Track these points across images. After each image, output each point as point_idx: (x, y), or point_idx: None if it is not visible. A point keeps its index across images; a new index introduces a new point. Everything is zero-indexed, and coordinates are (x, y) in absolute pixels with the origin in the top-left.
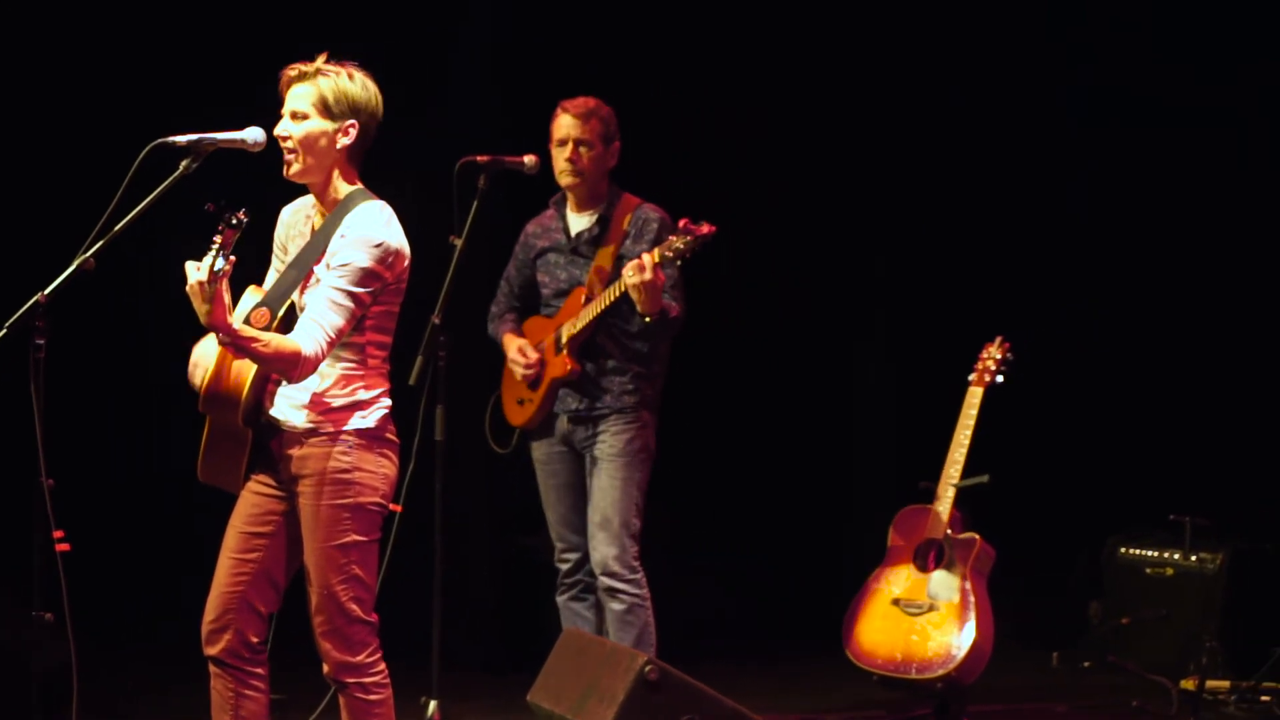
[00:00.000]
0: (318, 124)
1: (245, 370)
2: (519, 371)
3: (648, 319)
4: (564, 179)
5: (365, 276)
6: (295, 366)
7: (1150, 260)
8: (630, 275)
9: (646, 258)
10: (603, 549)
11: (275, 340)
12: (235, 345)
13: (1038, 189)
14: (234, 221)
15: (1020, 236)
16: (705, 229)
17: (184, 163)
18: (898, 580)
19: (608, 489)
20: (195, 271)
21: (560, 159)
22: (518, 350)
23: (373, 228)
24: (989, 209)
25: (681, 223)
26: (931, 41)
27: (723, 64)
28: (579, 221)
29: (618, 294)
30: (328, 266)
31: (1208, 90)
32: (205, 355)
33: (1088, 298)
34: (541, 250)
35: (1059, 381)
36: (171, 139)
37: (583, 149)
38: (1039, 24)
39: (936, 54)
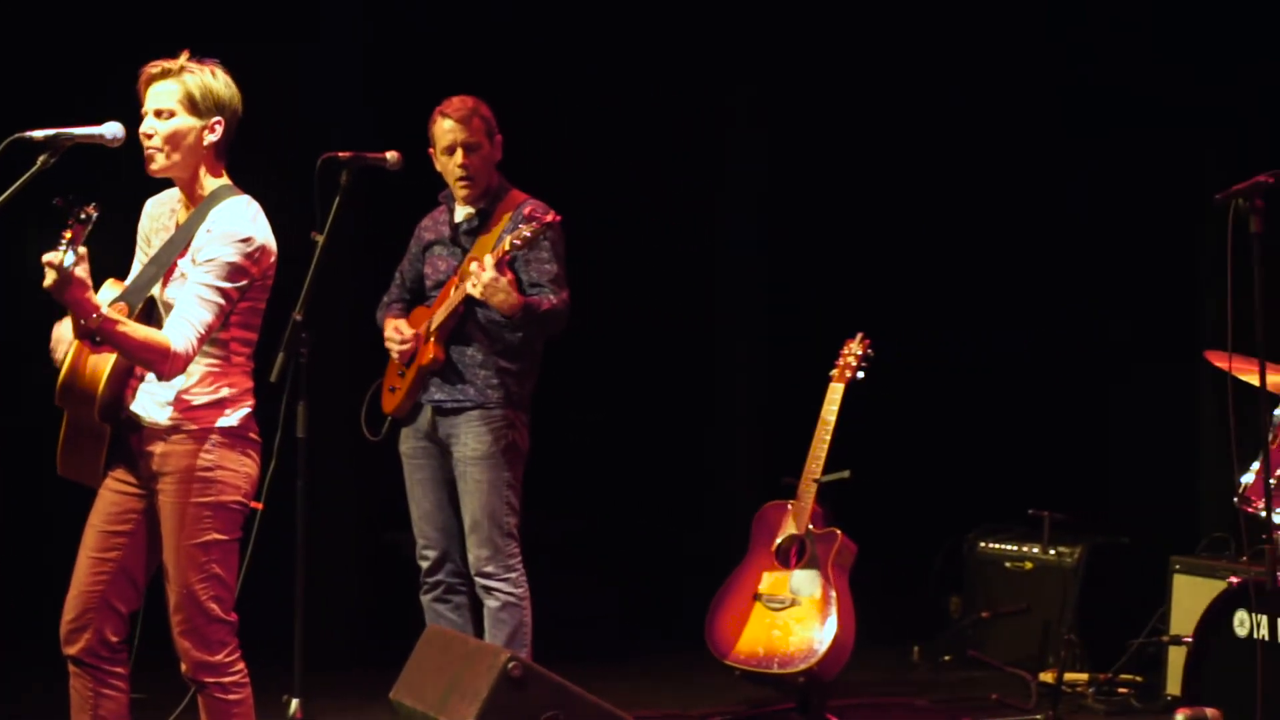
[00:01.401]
0: (185, 121)
1: (101, 365)
2: (394, 348)
3: (508, 317)
4: (460, 189)
5: (233, 272)
6: (164, 360)
7: (1004, 257)
8: (471, 282)
9: (488, 258)
10: (475, 550)
11: (143, 330)
12: (102, 330)
13: (907, 183)
14: (82, 216)
15: (881, 233)
16: (550, 217)
17: (41, 158)
18: (760, 576)
19: (474, 492)
20: (50, 265)
21: (451, 166)
22: (393, 329)
23: (239, 222)
24: (856, 205)
25: (528, 210)
26: (821, 36)
27: (597, 55)
28: (462, 214)
29: (466, 294)
30: (193, 262)
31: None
32: (67, 333)
33: (949, 294)
34: (429, 243)
35: (920, 377)
36: (29, 134)
37: (471, 154)
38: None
39: (805, 49)
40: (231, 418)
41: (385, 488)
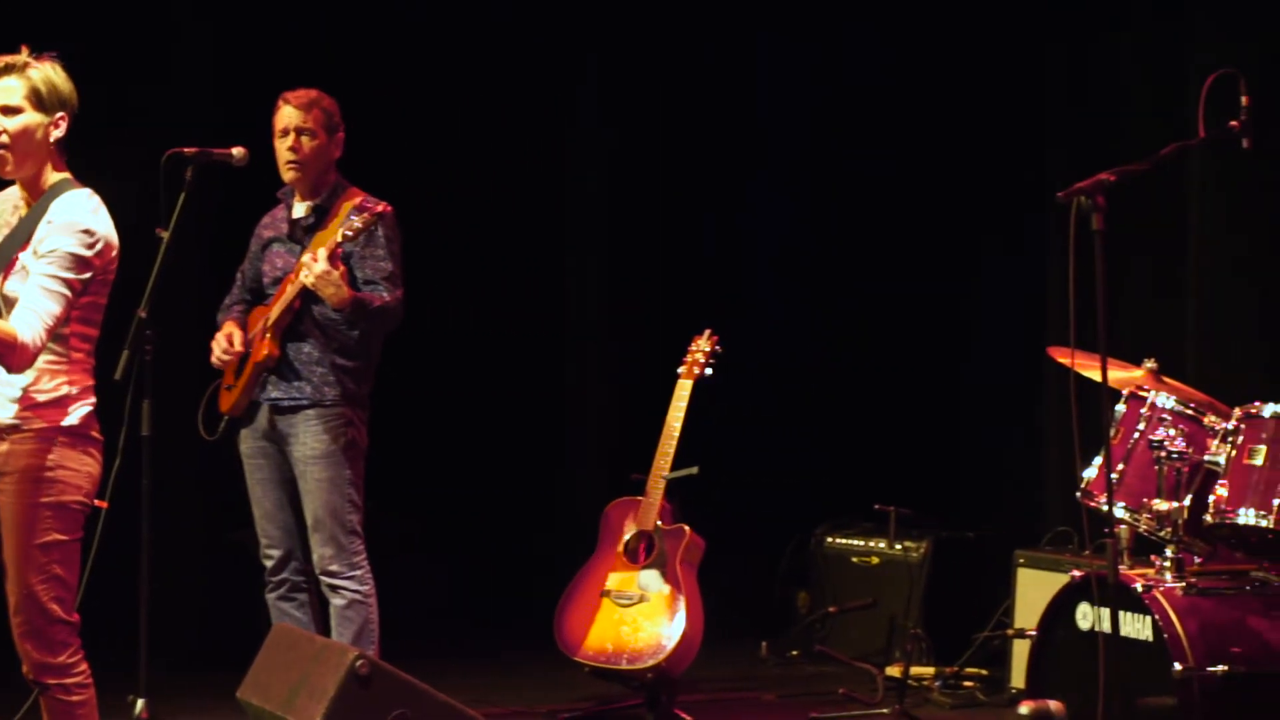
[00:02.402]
0: (32, 117)
1: None
2: (216, 356)
3: (339, 311)
4: (286, 172)
5: (76, 263)
6: (13, 352)
7: (851, 252)
8: (304, 273)
9: (321, 251)
10: (319, 549)
11: None
12: None
13: (748, 180)
14: None
15: (726, 230)
16: (381, 207)
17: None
18: (608, 573)
19: (315, 491)
20: None
21: (283, 149)
22: (223, 336)
23: (80, 214)
24: (699, 200)
25: (359, 201)
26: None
27: (438, 56)
28: (300, 210)
29: (301, 286)
30: (35, 254)
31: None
32: None
33: (796, 290)
34: (268, 241)
35: (767, 373)
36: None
37: (305, 138)
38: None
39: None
40: (73, 416)
41: (231, 486)
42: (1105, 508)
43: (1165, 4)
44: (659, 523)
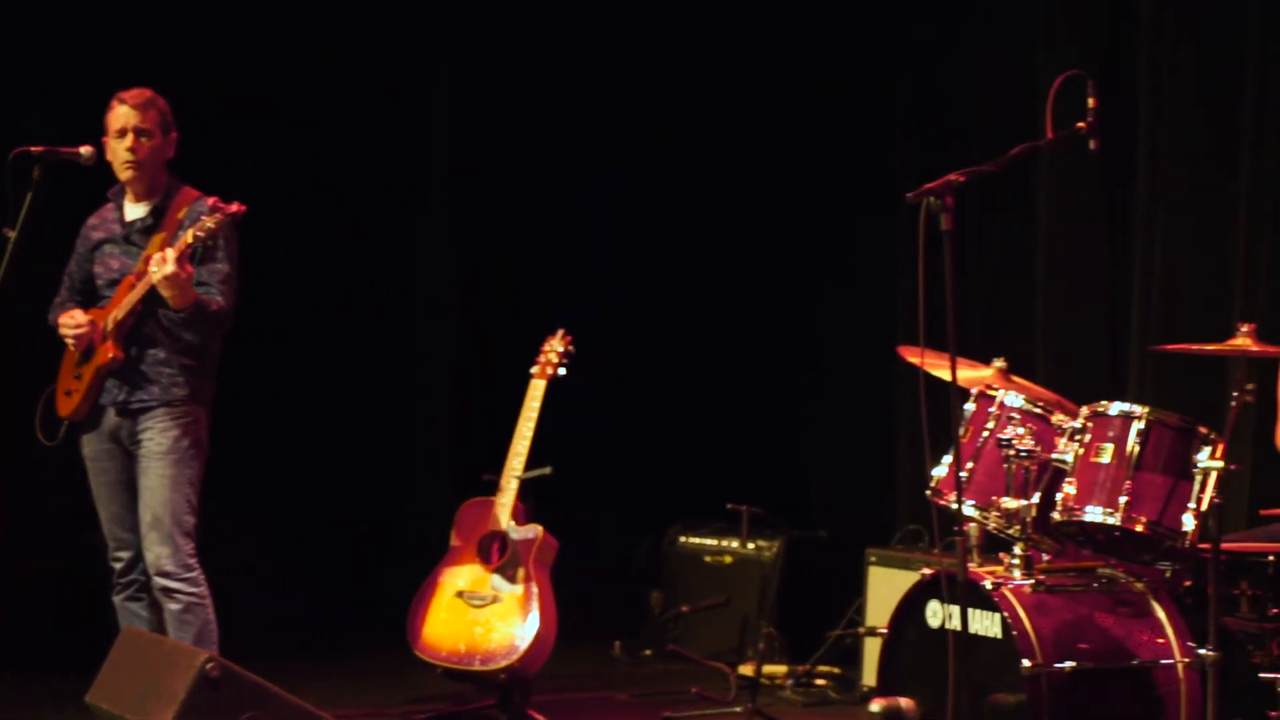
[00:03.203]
0: None
1: None
2: (69, 333)
3: (179, 312)
4: (124, 171)
5: None
6: None
7: (700, 250)
8: (153, 270)
9: (170, 251)
10: (155, 549)
11: None
12: None
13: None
14: None
15: (580, 229)
16: (234, 207)
17: None
18: (462, 573)
19: (157, 488)
20: None
21: (120, 150)
22: (68, 316)
23: None
24: (550, 201)
25: (210, 201)
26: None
27: (279, 58)
28: (134, 211)
29: (149, 285)
30: None
31: None
32: None
33: (649, 290)
34: (98, 242)
35: (620, 373)
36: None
37: (143, 139)
38: None
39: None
40: None
41: (79, 489)
42: (955, 506)
43: (1017, 6)
44: (512, 523)
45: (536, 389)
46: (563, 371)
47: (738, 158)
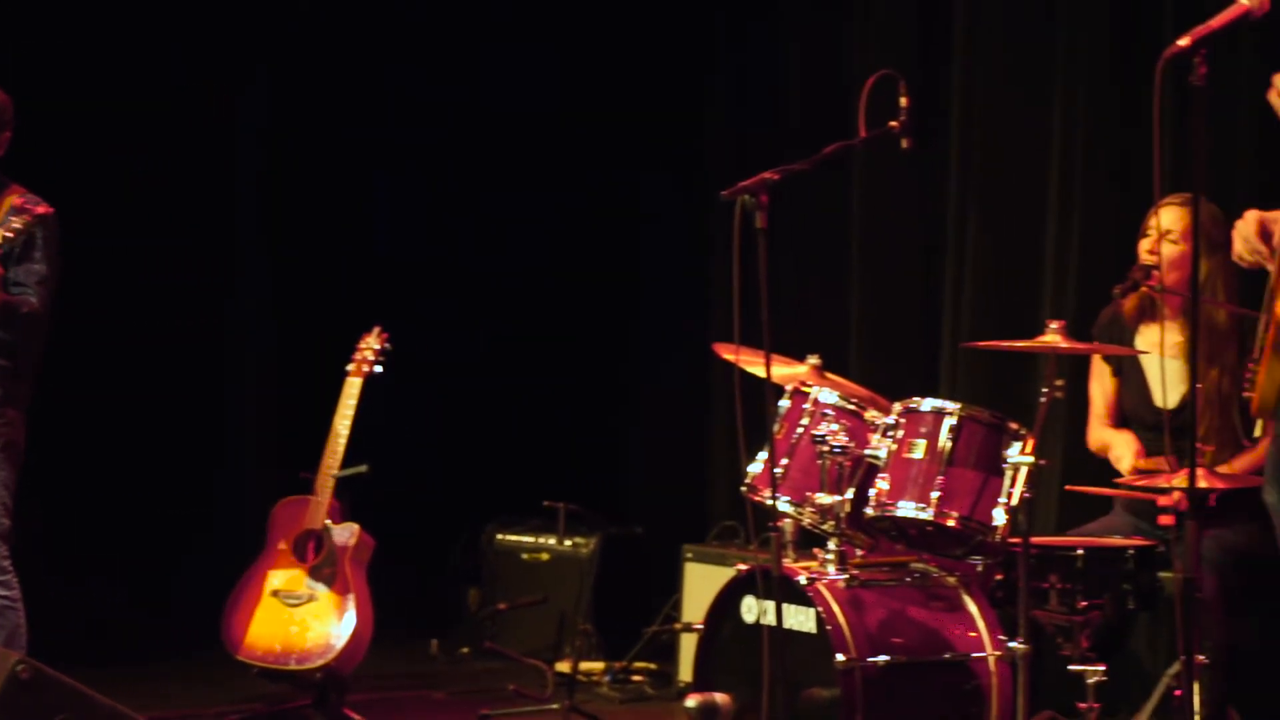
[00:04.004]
0: None
1: None
2: None
3: None
4: None
5: None
6: None
7: (499, 250)
8: None
9: None
10: None
11: None
12: None
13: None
14: None
15: (394, 227)
16: (41, 209)
17: None
18: (277, 572)
19: None
20: None
21: None
22: None
23: None
24: (363, 196)
25: (19, 202)
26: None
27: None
28: None
29: None
30: None
31: None
32: None
33: (463, 286)
34: None
35: (436, 370)
36: None
37: None
38: None
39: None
40: None
41: None
42: (770, 502)
43: (830, 6)
44: (328, 521)
45: (352, 387)
46: (379, 369)
47: (551, 156)
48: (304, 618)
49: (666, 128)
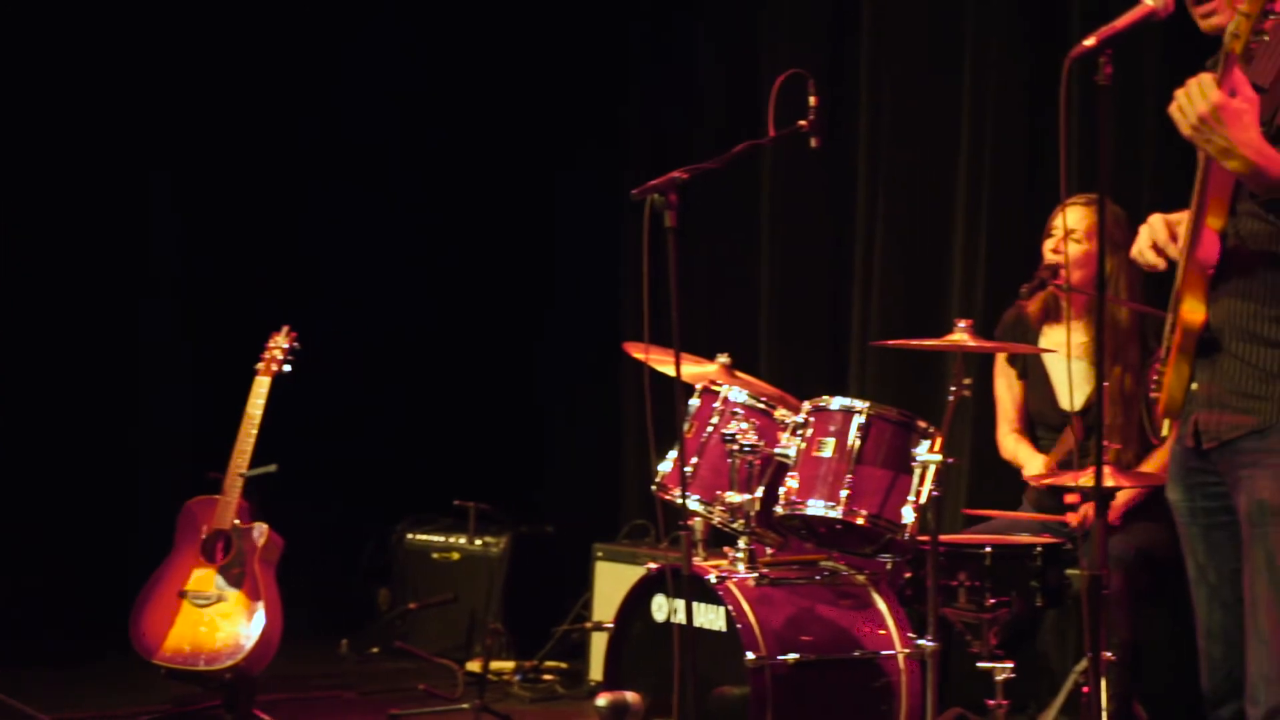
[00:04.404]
0: None
1: None
2: None
3: None
4: None
5: None
6: None
7: (433, 251)
8: None
9: None
10: None
11: None
12: None
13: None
14: None
15: (304, 226)
16: None
17: None
18: (186, 572)
19: None
20: None
21: None
22: None
23: None
24: (275, 194)
25: None
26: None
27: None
28: None
29: None
30: None
31: None
32: None
33: (372, 285)
34: None
35: (346, 370)
36: None
37: None
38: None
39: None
40: None
41: None
42: (680, 501)
43: (743, 6)
44: (237, 521)
45: (261, 385)
46: (288, 368)
47: (466, 154)
48: (213, 618)
49: (583, 127)
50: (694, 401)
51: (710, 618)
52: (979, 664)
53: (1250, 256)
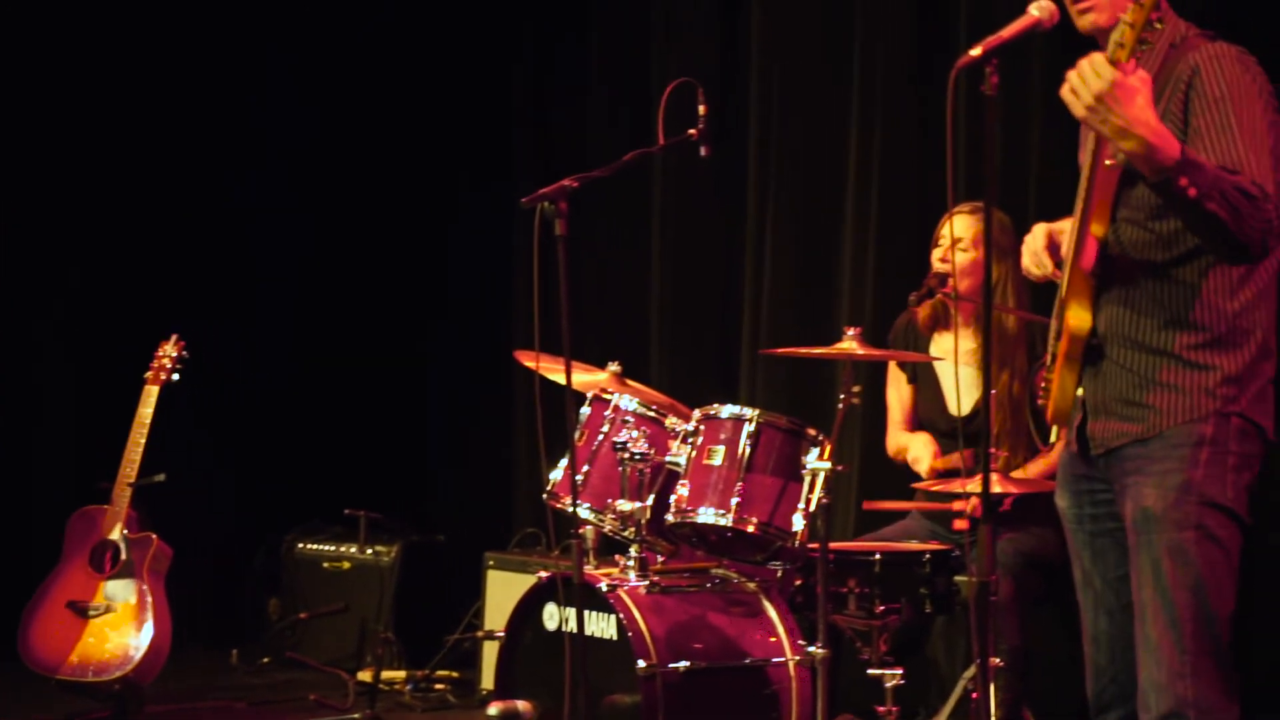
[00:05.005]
0: None
1: None
2: None
3: None
4: None
5: None
6: None
7: (327, 259)
8: None
9: None
10: None
11: None
12: None
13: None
14: None
15: (192, 232)
16: None
17: None
18: (75, 582)
19: None
20: None
21: None
22: None
23: None
24: (164, 203)
25: None
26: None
27: None
28: None
29: None
30: None
31: None
32: None
33: (262, 296)
34: None
35: (236, 379)
36: None
37: None
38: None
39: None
40: None
41: None
42: (571, 509)
43: (633, 15)
44: (125, 531)
45: (149, 395)
46: (176, 377)
47: (356, 162)
48: (101, 629)
49: (477, 135)
50: (585, 410)
51: (601, 626)
52: (869, 671)
53: (1132, 265)
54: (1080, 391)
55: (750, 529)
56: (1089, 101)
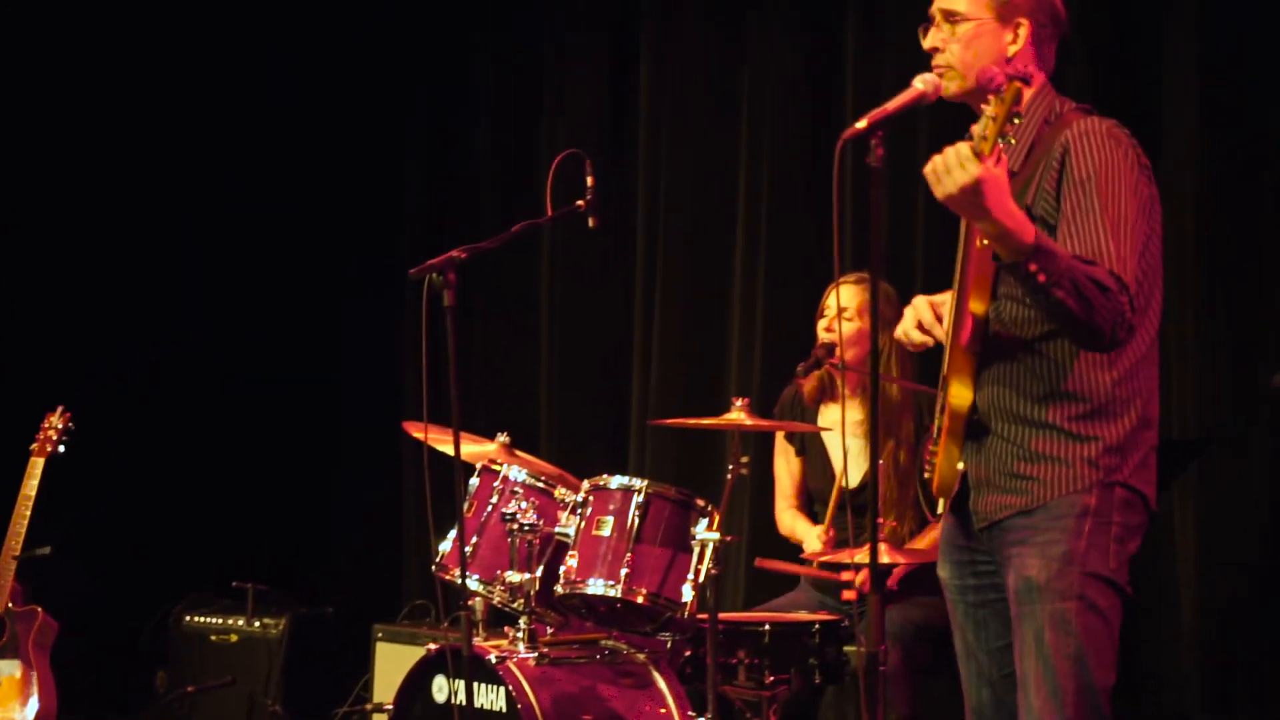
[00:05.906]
0: None
1: None
2: None
3: None
4: None
5: None
6: None
7: (215, 329)
8: None
9: None
10: None
11: None
12: None
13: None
14: None
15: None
16: None
17: None
18: None
19: None
20: None
21: None
22: None
23: None
24: (48, 271)
25: None
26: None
27: None
28: None
29: None
30: None
31: None
32: None
33: (152, 366)
34: None
35: (124, 450)
36: None
37: None
38: None
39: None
40: None
41: None
42: (460, 581)
43: (522, 88)
44: (10, 605)
45: (35, 467)
46: (62, 449)
47: (247, 232)
48: None
49: (366, 207)
50: (474, 481)
51: (491, 698)
52: None
53: (1010, 341)
54: (961, 465)
55: (640, 600)
56: (952, 191)
